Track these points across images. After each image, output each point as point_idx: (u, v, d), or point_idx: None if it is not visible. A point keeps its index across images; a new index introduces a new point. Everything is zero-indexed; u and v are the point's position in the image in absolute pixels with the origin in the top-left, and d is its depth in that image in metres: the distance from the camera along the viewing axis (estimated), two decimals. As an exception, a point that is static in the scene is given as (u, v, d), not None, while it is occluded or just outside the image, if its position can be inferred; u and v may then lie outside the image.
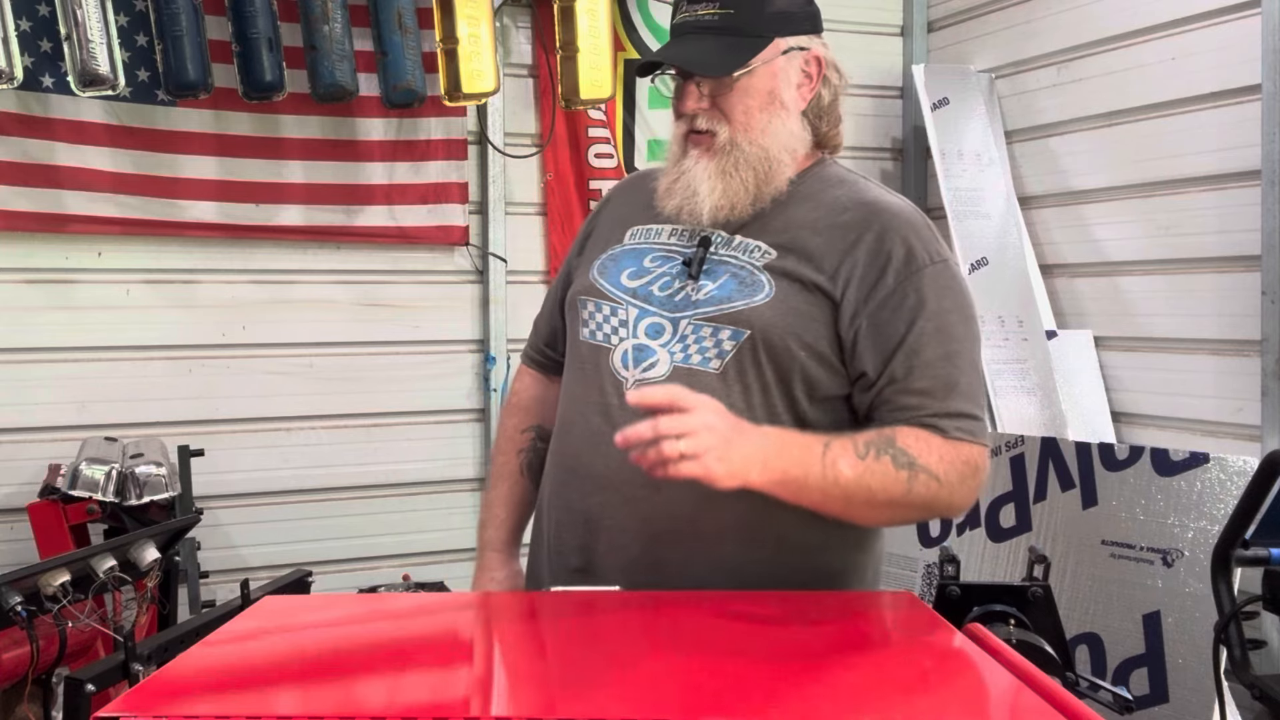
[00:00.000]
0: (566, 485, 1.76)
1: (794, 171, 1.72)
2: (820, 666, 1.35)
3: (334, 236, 3.94)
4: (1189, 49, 3.61)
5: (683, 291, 1.68)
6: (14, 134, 3.52)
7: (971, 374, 1.64)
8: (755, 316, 1.62)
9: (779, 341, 1.63)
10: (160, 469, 3.15)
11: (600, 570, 1.70)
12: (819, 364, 1.64)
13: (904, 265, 1.64)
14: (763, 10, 1.68)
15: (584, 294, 1.78)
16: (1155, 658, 3.01)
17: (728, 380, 1.64)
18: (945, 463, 1.58)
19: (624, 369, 1.69)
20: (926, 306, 1.62)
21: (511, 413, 1.99)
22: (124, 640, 1.62)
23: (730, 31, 1.65)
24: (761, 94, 1.68)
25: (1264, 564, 1.90)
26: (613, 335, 1.72)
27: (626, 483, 1.65)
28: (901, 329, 1.61)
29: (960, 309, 1.66)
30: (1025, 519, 3.39)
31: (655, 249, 1.75)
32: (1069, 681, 1.43)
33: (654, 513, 1.66)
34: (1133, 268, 3.85)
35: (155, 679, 1.25)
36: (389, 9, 3.69)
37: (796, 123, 1.72)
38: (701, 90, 1.68)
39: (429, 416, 4.03)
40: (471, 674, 1.34)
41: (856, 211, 1.69)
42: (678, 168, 1.71)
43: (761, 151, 1.68)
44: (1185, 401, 3.65)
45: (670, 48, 1.71)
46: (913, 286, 1.63)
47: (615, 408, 1.68)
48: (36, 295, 3.65)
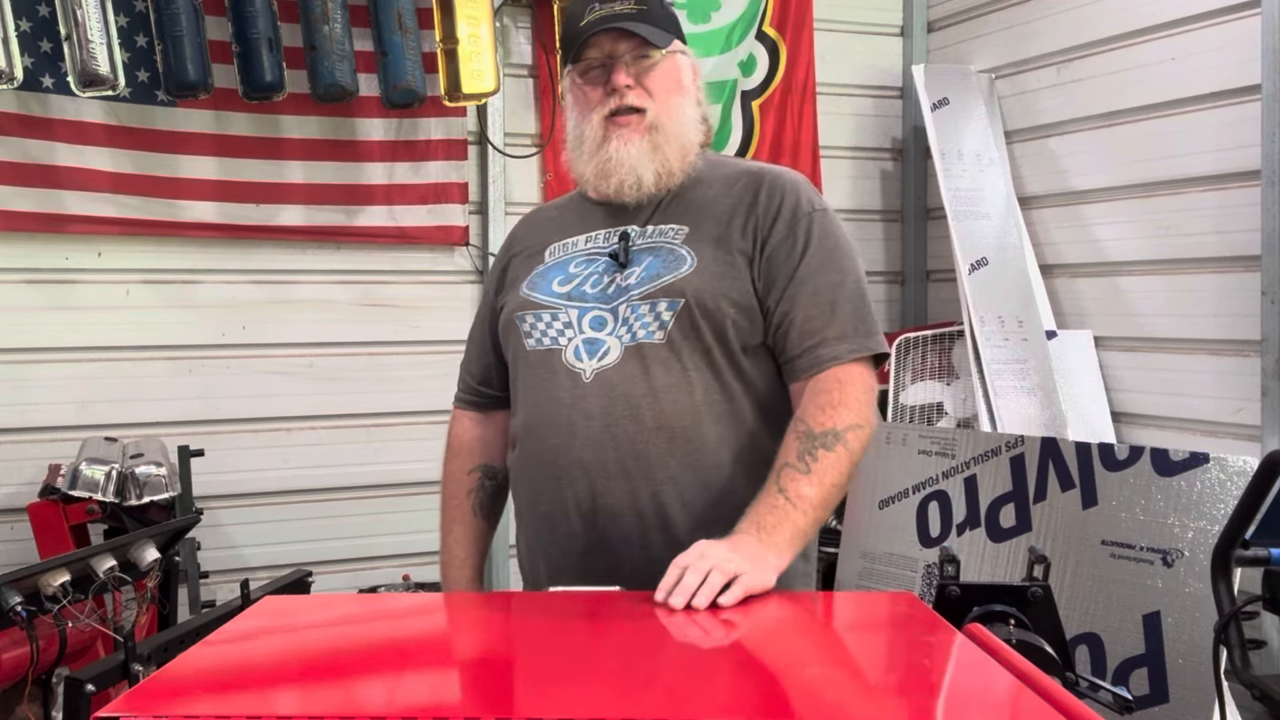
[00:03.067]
0: (551, 479, 1.83)
1: (695, 156, 1.90)
2: (820, 666, 1.35)
3: (334, 236, 3.94)
4: (1189, 49, 3.61)
5: (614, 283, 1.84)
6: (14, 134, 3.52)
7: (856, 299, 1.85)
8: (686, 285, 1.79)
9: (710, 303, 1.79)
10: (160, 469, 3.16)
11: (605, 546, 1.80)
12: (745, 316, 1.81)
13: (791, 214, 1.85)
14: (667, 12, 1.91)
15: (520, 310, 1.89)
16: (1155, 658, 3.01)
17: (674, 346, 1.79)
18: (854, 407, 1.78)
19: (578, 361, 1.82)
20: (813, 243, 1.84)
21: (454, 456, 2.09)
22: (124, 640, 1.62)
23: (647, 21, 1.84)
24: (675, 79, 1.88)
25: (1264, 564, 1.89)
26: (560, 337, 1.85)
27: (607, 460, 1.79)
28: (794, 264, 1.82)
29: (840, 247, 1.88)
30: (1025, 519, 3.39)
31: (577, 256, 1.90)
32: (1069, 681, 1.42)
33: (643, 481, 1.79)
34: (1133, 268, 3.85)
35: (155, 679, 1.25)
36: (389, 9, 3.70)
37: (696, 111, 1.91)
38: (629, 70, 1.84)
39: (429, 416, 4.03)
40: (471, 674, 1.34)
41: (746, 179, 1.90)
42: (605, 151, 1.85)
43: (678, 128, 1.87)
44: (1185, 401, 3.65)
45: (608, 25, 1.83)
46: (801, 229, 1.84)
47: (579, 398, 1.81)
48: (36, 295, 3.66)
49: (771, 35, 4.54)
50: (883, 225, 4.82)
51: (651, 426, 1.77)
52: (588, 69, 1.86)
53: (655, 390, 1.78)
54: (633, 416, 1.77)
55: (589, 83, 1.86)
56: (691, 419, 1.78)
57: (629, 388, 1.78)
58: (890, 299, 4.84)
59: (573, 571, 1.81)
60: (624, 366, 1.79)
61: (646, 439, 1.77)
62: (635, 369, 1.79)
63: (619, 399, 1.78)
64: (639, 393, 1.78)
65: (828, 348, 1.79)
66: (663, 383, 1.78)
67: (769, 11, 4.51)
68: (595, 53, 1.85)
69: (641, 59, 1.84)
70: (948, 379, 4.19)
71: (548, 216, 2.03)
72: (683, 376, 1.79)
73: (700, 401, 1.79)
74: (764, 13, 4.49)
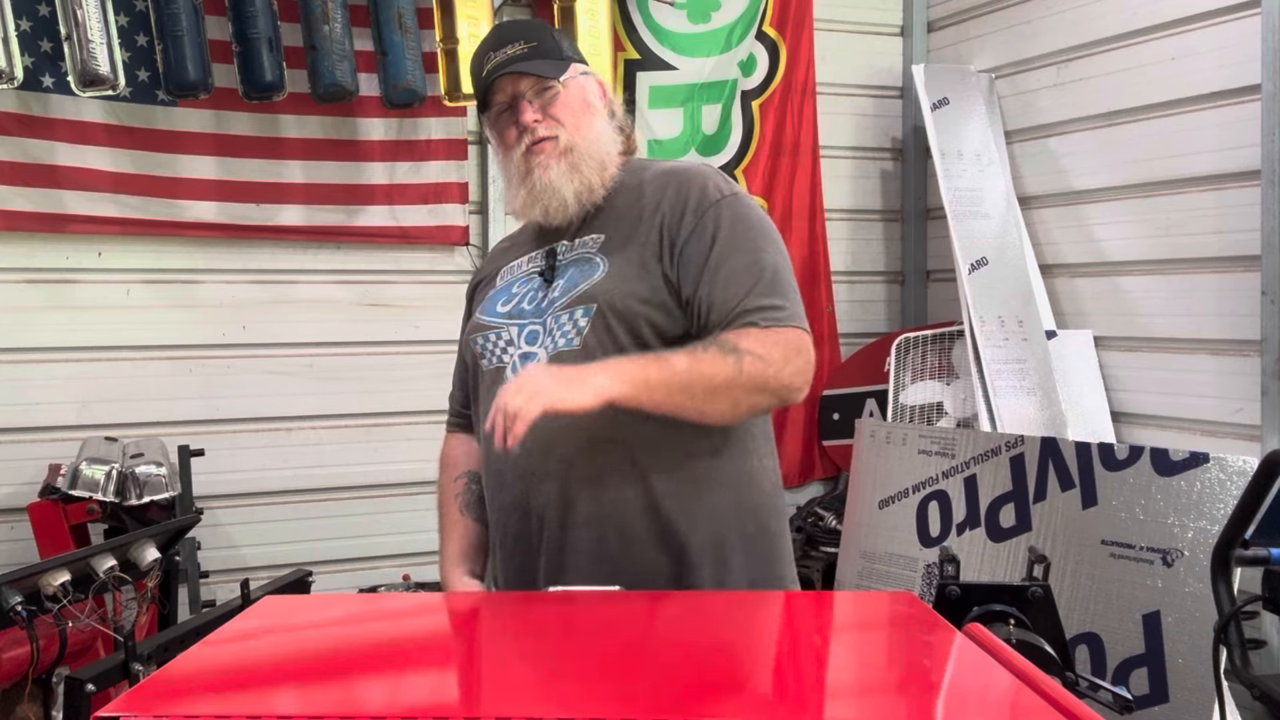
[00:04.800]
0: (496, 486, 1.96)
1: (616, 167, 1.98)
2: (820, 666, 1.35)
3: (334, 236, 3.94)
4: (1189, 49, 3.61)
5: (545, 297, 1.94)
6: (14, 134, 3.52)
7: (774, 276, 1.86)
8: (597, 290, 1.86)
9: (621, 303, 1.85)
10: (160, 469, 3.16)
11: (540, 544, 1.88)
12: (660, 311, 1.86)
13: (699, 201, 1.89)
14: (558, 46, 2.00)
15: (474, 333, 2.02)
16: (1155, 658, 3.01)
17: (589, 351, 1.84)
18: (765, 345, 1.79)
19: (514, 375, 1.90)
20: (721, 230, 1.87)
21: (444, 469, 2.18)
22: (124, 640, 1.62)
23: (540, 56, 1.95)
24: (579, 101, 1.97)
25: (1264, 564, 1.89)
26: (503, 354, 1.95)
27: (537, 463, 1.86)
28: (705, 251, 1.86)
29: (755, 226, 1.91)
30: (1025, 519, 3.39)
31: (519, 277, 2.02)
32: (1069, 681, 1.43)
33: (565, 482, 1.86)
34: (1133, 268, 3.85)
35: (155, 679, 1.25)
36: (389, 9, 3.70)
37: (608, 125, 2.00)
38: (533, 105, 1.93)
39: (429, 416, 4.01)
40: (471, 673, 1.34)
41: (658, 179, 1.96)
42: (529, 180, 1.94)
43: (593, 146, 1.95)
44: (1185, 401, 3.65)
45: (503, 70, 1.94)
46: (710, 217, 1.88)
47: None
48: (37, 295, 3.66)
49: (771, 35, 4.54)
50: (883, 225, 4.82)
51: (568, 424, 1.78)
52: (499, 114, 1.97)
53: None
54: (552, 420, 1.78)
55: (503, 125, 1.97)
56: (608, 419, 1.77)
57: None
58: (890, 299, 4.84)
59: (513, 567, 1.92)
60: None
61: (564, 440, 1.82)
62: None
63: None
64: None
65: (745, 317, 1.81)
66: None
67: (769, 11, 4.51)
68: (501, 97, 1.95)
69: (545, 91, 1.94)
70: (948, 379, 4.19)
71: (503, 247, 2.16)
72: None
73: None
74: (764, 13, 4.49)
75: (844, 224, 4.73)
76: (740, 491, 1.90)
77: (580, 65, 2.01)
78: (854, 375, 4.54)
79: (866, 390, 4.45)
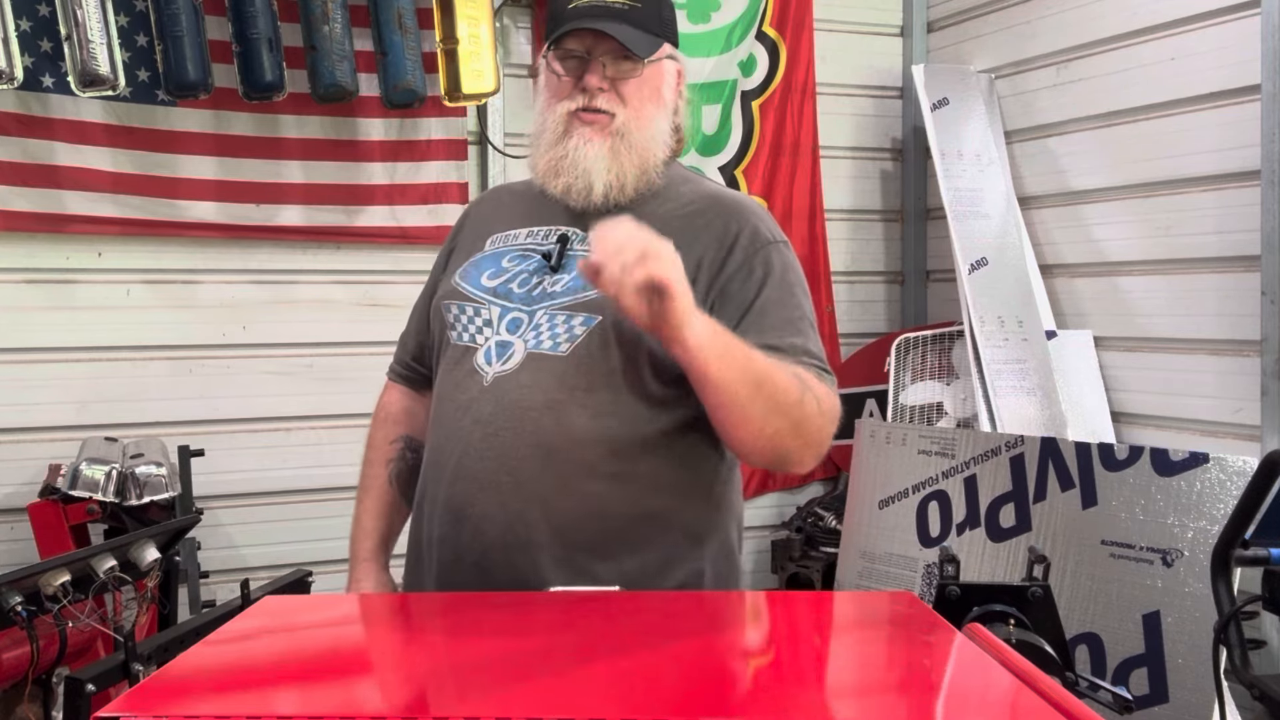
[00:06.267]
0: (436, 482, 1.79)
1: (657, 173, 1.81)
2: (820, 666, 1.35)
3: (334, 236, 3.94)
4: (1189, 49, 3.61)
5: (540, 285, 1.76)
6: (14, 134, 3.52)
7: (814, 336, 1.76)
8: (606, 303, 1.63)
9: (628, 326, 1.66)
10: (160, 469, 3.15)
11: (470, 554, 1.72)
12: None
13: (750, 242, 1.76)
14: (659, 12, 1.79)
15: (447, 299, 1.83)
16: (1155, 658, 3.01)
17: (575, 361, 1.70)
18: (826, 399, 1.67)
19: (486, 365, 1.75)
20: (772, 276, 1.75)
21: (380, 425, 2.02)
22: (124, 640, 1.62)
23: (636, 24, 1.74)
24: (653, 88, 1.78)
25: (1264, 564, 1.89)
26: (478, 335, 1.77)
27: (485, 470, 1.71)
28: (751, 295, 1.73)
29: (800, 282, 1.79)
30: (1025, 519, 3.39)
31: (512, 250, 1.82)
32: (1069, 681, 1.43)
33: (511, 497, 1.70)
34: (1133, 268, 3.85)
35: (155, 679, 1.25)
36: (389, 9, 3.69)
37: (668, 123, 1.82)
38: (605, 71, 1.74)
39: (429, 416, 4.03)
40: (471, 673, 1.34)
41: (702, 203, 1.81)
42: (562, 146, 1.76)
43: (646, 141, 1.77)
44: (1185, 401, 3.65)
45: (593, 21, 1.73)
46: (760, 259, 1.75)
47: (474, 401, 1.74)
48: (36, 295, 3.65)
49: (771, 35, 4.54)
50: (883, 225, 4.82)
51: (530, 443, 1.68)
52: (566, 56, 1.77)
53: (544, 405, 1.69)
54: (515, 429, 1.69)
55: (564, 70, 1.77)
56: (572, 442, 1.68)
57: (519, 397, 1.70)
58: (890, 299, 4.84)
59: (439, 575, 1.77)
60: (520, 375, 1.72)
61: (522, 455, 1.69)
62: (530, 379, 1.71)
63: (508, 408, 1.71)
64: (527, 405, 1.70)
65: (801, 357, 1.70)
66: (554, 399, 1.70)
67: (769, 11, 4.51)
68: (576, 45, 1.76)
69: (623, 60, 1.75)
70: (948, 379, 4.19)
71: (503, 200, 1.96)
72: (573, 395, 1.69)
73: (589, 425, 1.69)
74: (764, 13, 4.49)
75: (844, 224, 4.73)
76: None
77: (669, 45, 1.81)
78: (854, 375, 4.54)
79: (866, 390, 4.45)
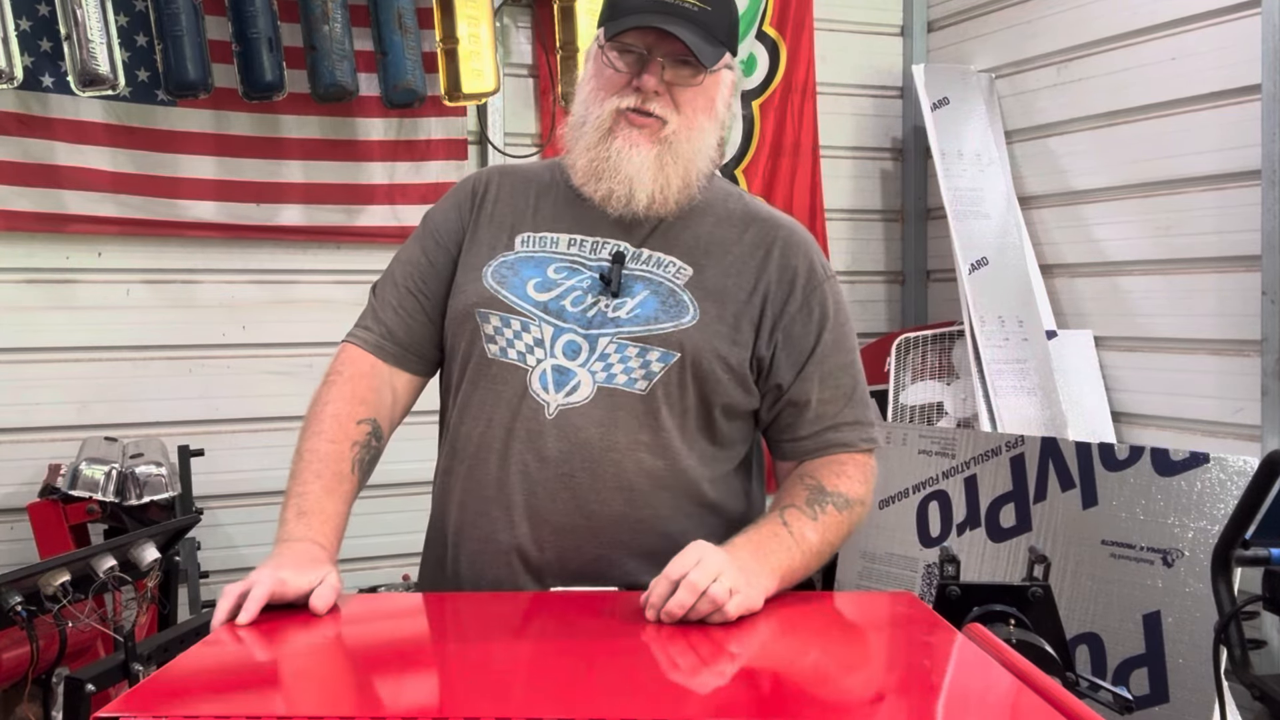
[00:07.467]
0: (486, 517, 1.69)
1: (698, 188, 1.73)
2: (820, 667, 1.35)
3: (334, 236, 3.94)
4: (1189, 49, 3.61)
5: (597, 307, 1.66)
6: (14, 134, 3.52)
7: (862, 378, 1.78)
8: (685, 339, 1.63)
9: (707, 366, 1.65)
10: (160, 469, 3.15)
11: None
12: (739, 386, 1.70)
13: (808, 280, 1.73)
14: (728, 18, 1.71)
15: (484, 306, 1.69)
16: (1155, 658, 3.01)
17: (654, 401, 1.64)
18: (863, 484, 1.73)
19: (544, 392, 1.65)
20: (829, 318, 1.74)
21: (344, 394, 1.79)
22: (124, 640, 1.62)
23: (705, 29, 1.64)
24: (708, 98, 1.70)
25: (1264, 564, 1.89)
26: (528, 355, 1.67)
27: (559, 512, 1.65)
28: (811, 340, 1.72)
29: (850, 321, 1.80)
30: (1025, 519, 3.39)
31: (557, 259, 1.71)
32: (1069, 681, 1.43)
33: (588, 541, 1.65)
34: (1133, 268, 3.85)
35: (155, 679, 1.25)
36: (389, 9, 3.69)
37: (715, 137, 1.74)
38: (663, 74, 1.65)
39: (429, 416, 4.00)
40: (471, 673, 1.34)
41: (756, 228, 1.75)
42: (605, 146, 1.67)
43: (693, 154, 1.69)
44: (1185, 401, 3.65)
45: (661, 19, 1.63)
46: (817, 300, 1.73)
47: (537, 434, 1.66)
48: (36, 295, 3.65)
49: (771, 35, 4.54)
50: (883, 225, 4.82)
51: (611, 486, 1.63)
52: (624, 50, 1.66)
53: (624, 446, 1.64)
54: (592, 471, 1.63)
55: (620, 62, 1.66)
56: (653, 483, 1.65)
57: (595, 436, 1.63)
58: (890, 299, 4.84)
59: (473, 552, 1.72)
60: (592, 411, 1.64)
61: (603, 498, 1.63)
62: (604, 416, 1.64)
63: (581, 446, 1.63)
64: (605, 445, 1.63)
65: (838, 433, 1.73)
66: (634, 439, 1.64)
67: (769, 11, 4.51)
68: (637, 40, 1.65)
69: (683, 65, 1.65)
70: (948, 379, 4.19)
71: (526, 190, 1.78)
72: (655, 436, 1.65)
73: (667, 466, 1.66)
74: (764, 13, 4.49)
75: (844, 224, 4.73)
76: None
77: (730, 56, 1.71)
78: (854, 375, 4.53)
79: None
